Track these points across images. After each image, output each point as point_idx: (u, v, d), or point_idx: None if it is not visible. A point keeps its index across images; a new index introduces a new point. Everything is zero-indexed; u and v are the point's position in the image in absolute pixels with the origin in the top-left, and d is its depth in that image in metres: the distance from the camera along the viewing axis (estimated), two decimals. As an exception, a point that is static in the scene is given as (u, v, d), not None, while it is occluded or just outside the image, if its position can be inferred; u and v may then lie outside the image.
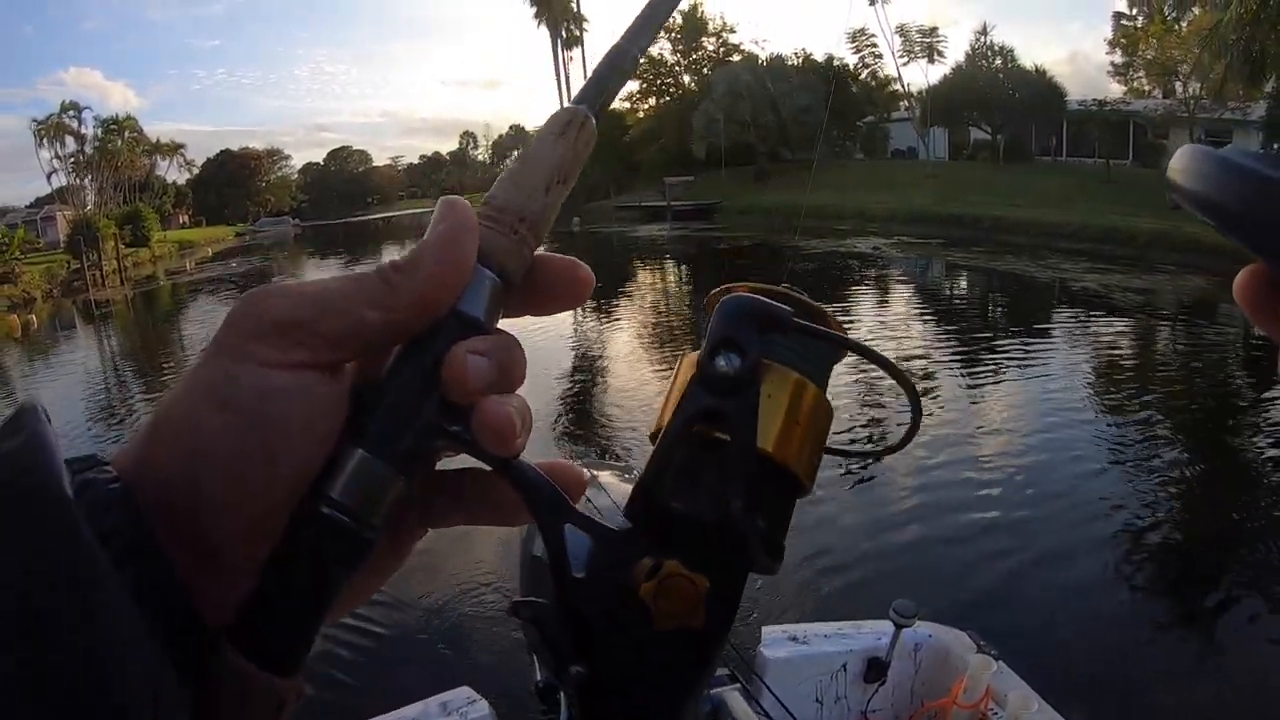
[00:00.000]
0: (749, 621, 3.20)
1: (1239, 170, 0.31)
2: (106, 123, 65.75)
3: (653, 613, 0.40)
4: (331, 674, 5.24)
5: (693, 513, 0.42)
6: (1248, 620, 5.67)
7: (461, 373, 0.39)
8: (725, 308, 0.44)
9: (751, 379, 0.42)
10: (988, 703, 2.86)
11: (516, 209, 0.43)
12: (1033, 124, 44.90)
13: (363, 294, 0.39)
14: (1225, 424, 10.34)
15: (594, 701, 0.42)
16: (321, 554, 0.38)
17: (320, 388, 0.38)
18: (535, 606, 0.42)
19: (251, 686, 0.37)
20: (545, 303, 0.45)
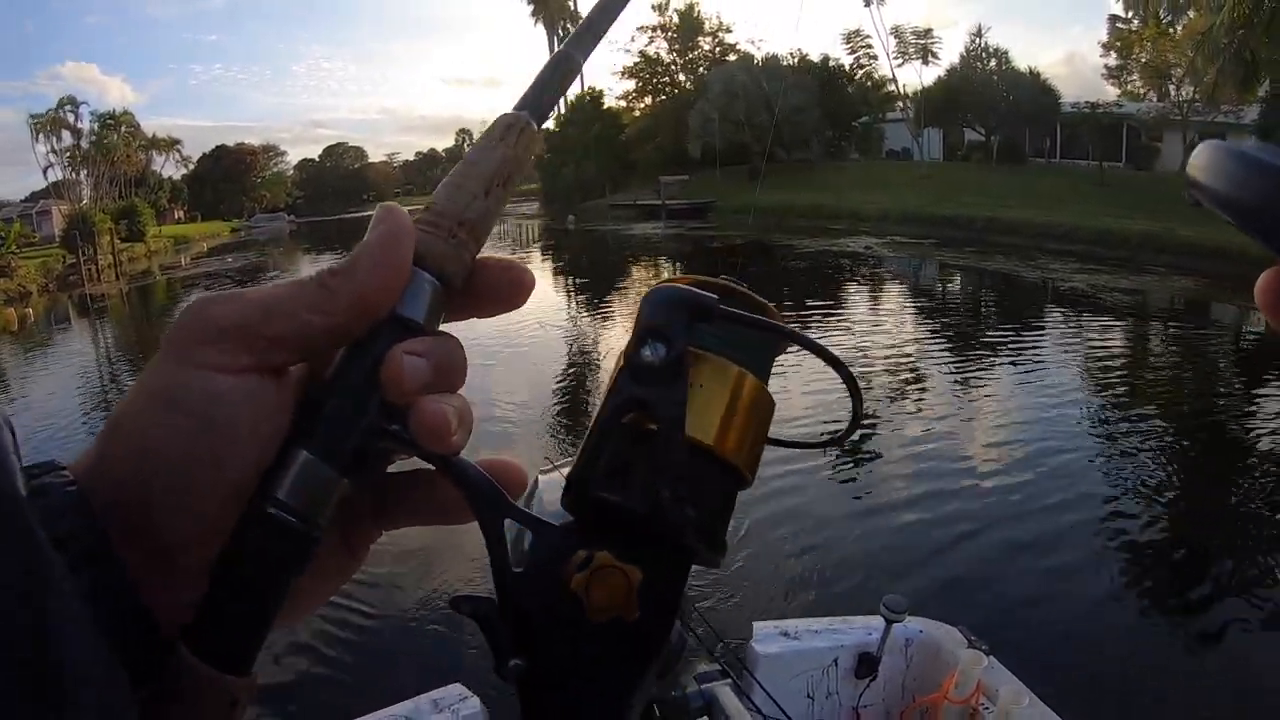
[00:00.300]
0: (740, 615, 3.18)
1: (1258, 166, 0.31)
2: (103, 117, 65.57)
3: (585, 604, 0.40)
4: (323, 672, 5.25)
5: (622, 503, 0.42)
6: (1238, 615, 5.68)
7: (398, 373, 0.40)
8: (652, 298, 0.44)
9: (678, 368, 0.42)
10: (979, 698, 2.85)
11: (456, 213, 0.43)
12: (1027, 126, 44.92)
13: (303, 299, 0.40)
14: (1213, 421, 10.37)
15: (533, 695, 0.42)
16: (268, 554, 0.39)
17: (265, 391, 0.39)
18: (475, 601, 0.42)
19: (204, 686, 0.38)
20: (487, 305, 0.46)
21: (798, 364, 11.86)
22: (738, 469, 0.44)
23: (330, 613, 5.85)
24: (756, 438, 0.46)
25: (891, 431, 9.95)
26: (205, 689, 0.38)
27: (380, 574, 6.27)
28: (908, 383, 12.37)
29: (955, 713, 2.90)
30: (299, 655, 5.42)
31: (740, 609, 5.41)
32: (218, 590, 0.39)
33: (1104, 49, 42.42)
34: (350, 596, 6.02)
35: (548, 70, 0.48)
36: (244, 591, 0.39)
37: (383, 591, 6.09)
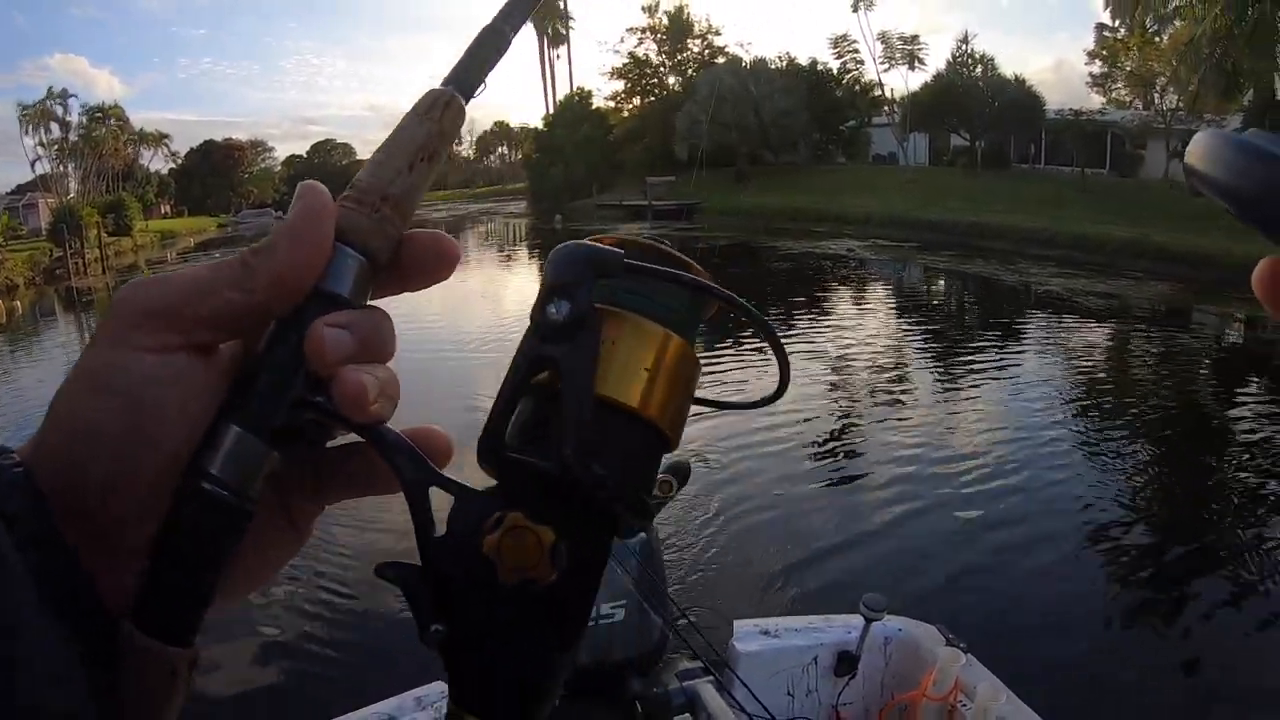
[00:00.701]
0: (721, 614, 3.18)
1: (1257, 153, 0.30)
2: (92, 110, 65.30)
3: (496, 566, 0.40)
4: (305, 670, 5.23)
5: (529, 462, 0.42)
6: (1215, 615, 5.72)
7: (319, 345, 0.40)
8: (555, 256, 0.44)
9: (582, 323, 0.42)
10: (957, 695, 2.86)
11: (379, 189, 0.43)
12: (1012, 132, 45.07)
13: (225, 278, 0.40)
14: (1187, 421, 10.48)
15: (453, 660, 0.42)
16: (203, 528, 0.39)
17: (193, 370, 0.40)
18: (399, 567, 0.42)
19: (146, 658, 0.38)
20: (414, 278, 0.46)
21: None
22: (656, 427, 0.44)
23: (312, 610, 5.87)
24: (676, 396, 0.45)
25: (870, 431, 10.00)
26: (147, 660, 0.38)
27: (362, 573, 6.23)
28: (886, 382, 12.42)
29: (934, 710, 2.91)
30: (281, 653, 5.41)
31: (721, 607, 5.41)
32: (156, 565, 0.39)
33: (1089, 57, 42.52)
34: (331, 594, 6.04)
35: (476, 45, 0.48)
36: (181, 565, 0.39)
37: (364, 589, 6.06)
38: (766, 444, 9.20)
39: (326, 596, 6.03)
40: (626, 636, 2.33)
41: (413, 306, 18.80)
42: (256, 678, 5.12)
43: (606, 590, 2.28)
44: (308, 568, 6.36)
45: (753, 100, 49.51)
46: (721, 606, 5.46)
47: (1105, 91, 42.48)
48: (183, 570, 0.39)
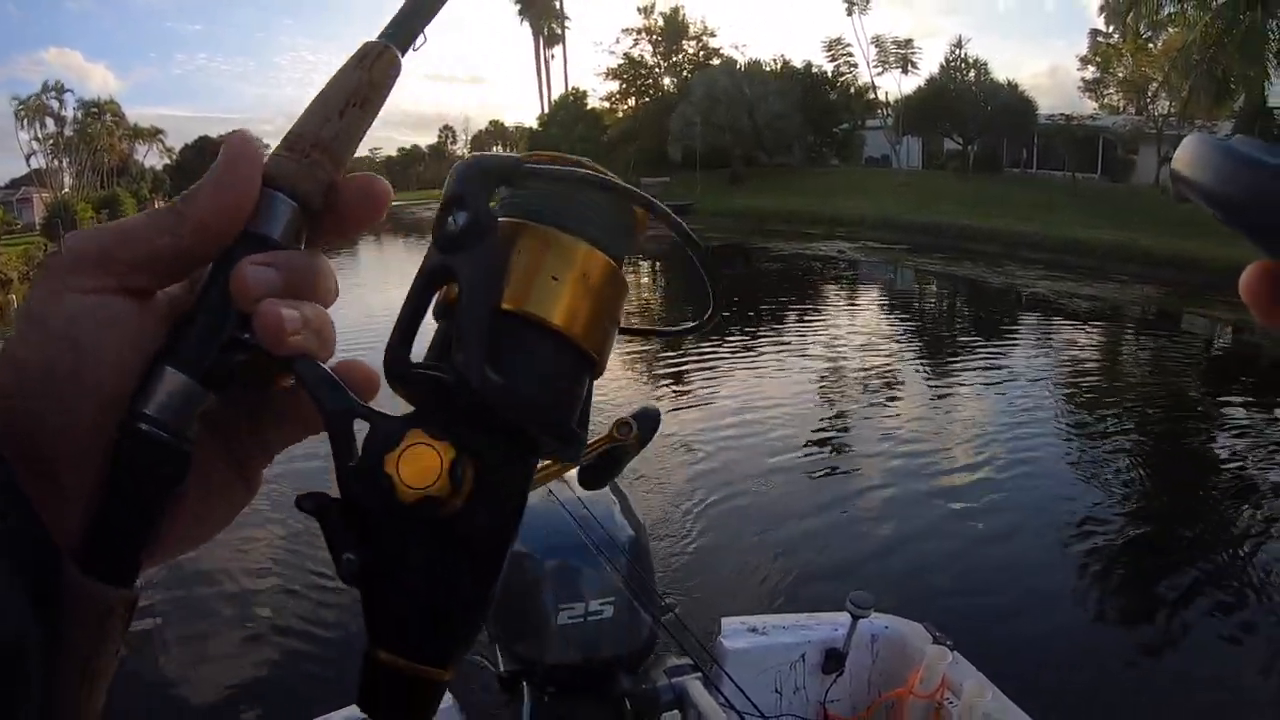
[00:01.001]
0: (709, 611, 3.17)
1: (1243, 160, 0.30)
2: (88, 105, 65.09)
3: (394, 483, 0.39)
4: (293, 668, 5.20)
5: (431, 375, 0.41)
6: (1199, 614, 5.77)
7: (242, 281, 0.41)
8: (455, 169, 0.43)
9: (480, 231, 0.41)
10: (943, 692, 2.87)
11: (310, 135, 0.44)
12: (1004, 136, 45.15)
13: (155, 224, 0.41)
14: (1171, 422, 10.53)
15: (366, 589, 0.41)
16: (141, 467, 0.39)
17: (127, 312, 0.40)
18: (316, 497, 0.42)
19: (80, 596, 0.38)
20: (349, 222, 0.46)
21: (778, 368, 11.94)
22: (570, 341, 0.43)
23: (299, 608, 5.84)
24: (594, 312, 0.44)
25: (856, 429, 10.02)
26: (83, 599, 0.38)
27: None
28: (872, 380, 12.44)
29: (920, 707, 2.92)
30: (268, 649, 5.39)
31: (709, 605, 5.41)
32: (97, 504, 0.39)
33: (1081, 63, 42.63)
34: (319, 591, 6.00)
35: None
36: (120, 503, 0.39)
37: (345, 589, 6.00)
38: (751, 440, 9.26)
39: (311, 594, 6.00)
40: (615, 634, 2.33)
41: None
42: (239, 676, 5.09)
43: (596, 587, 2.29)
44: (291, 565, 6.36)
45: (746, 102, 49.48)
46: (709, 604, 5.46)
47: (1098, 97, 42.59)
48: (121, 510, 0.39)
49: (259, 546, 6.73)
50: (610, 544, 2.32)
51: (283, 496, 5.88)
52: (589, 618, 2.28)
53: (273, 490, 5.44)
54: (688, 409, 10.67)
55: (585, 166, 0.46)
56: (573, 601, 2.27)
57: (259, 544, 6.75)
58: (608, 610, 2.30)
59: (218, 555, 6.43)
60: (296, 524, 6.72)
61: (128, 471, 0.39)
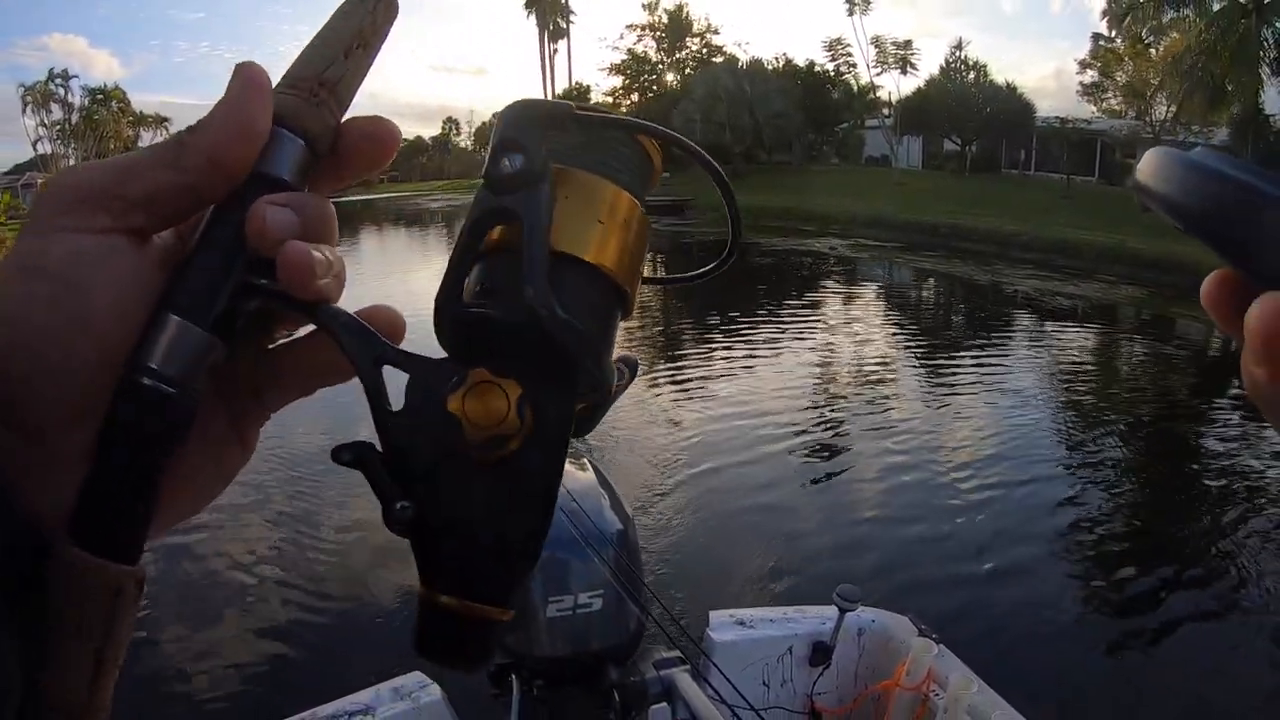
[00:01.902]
0: (697, 604, 3.16)
1: (1203, 170, 0.31)
2: (94, 92, 65.12)
3: (461, 424, 0.39)
4: (281, 660, 5.17)
5: (491, 314, 0.41)
6: (1189, 612, 5.80)
7: (261, 223, 0.38)
8: (505, 113, 0.43)
9: (536, 174, 0.41)
10: (929, 685, 2.87)
11: (315, 74, 0.42)
12: (1003, 138, 45.24)
13: (156, 158, 0.38)
14: (1156, 419, 10.59)
15: (422, 539, 0.40)
16: (144, 426, 0.37)
17: (126, 253, 0.37)
18: (357, 446, 0.40)
19: (85, 574, 0.35)
20: (355, 165, 0.44)
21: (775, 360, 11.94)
22: (613, 280, 0.44)
23: (288, 600, 5.82)
24: (630, 251, 0.45)
25: (840, 421, 10.05)
26: (87, 578, 0.35)
27: (337, 561, 6.25)
28: (857, 376, 12.57)
29: (907, 699, 2.92)
30: (257, 643, 5.35)
31: (697, 598, 5.42)
32: (97, 470, 0.36)
33: (1080, 67, 42.58)
34: (308, 583, 6.00)
35: None
36: (122, 468, 0.36)
37: (340, 579, 6.03)
38: (735, 434, 9.27)
39: (304, 586, 5.98)
40: (604, 626, 2.33)
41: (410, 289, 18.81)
42: (232, 669, 5.06)
43: (584, 580, 2.29)
44: (286, 558, 6.36)
45: (747, 100, 49.50)
46: (698, 597, 5.47)
47: (1096, 101, 42.56)
48: (124, 476, 0.36)
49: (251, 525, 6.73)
50: (599, 537, 2.32)
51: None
52: (578, 610, 2.27)
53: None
54: (672, 402, 10.73)
55: (622, 115, 0.46)
56: (561, 594, 2.26)
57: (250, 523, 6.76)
58: (596, 603, 2.30)
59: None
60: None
61: (129, 431, 0.36)
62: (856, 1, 49.30)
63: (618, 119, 0.45)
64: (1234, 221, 0.30)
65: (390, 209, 59.57)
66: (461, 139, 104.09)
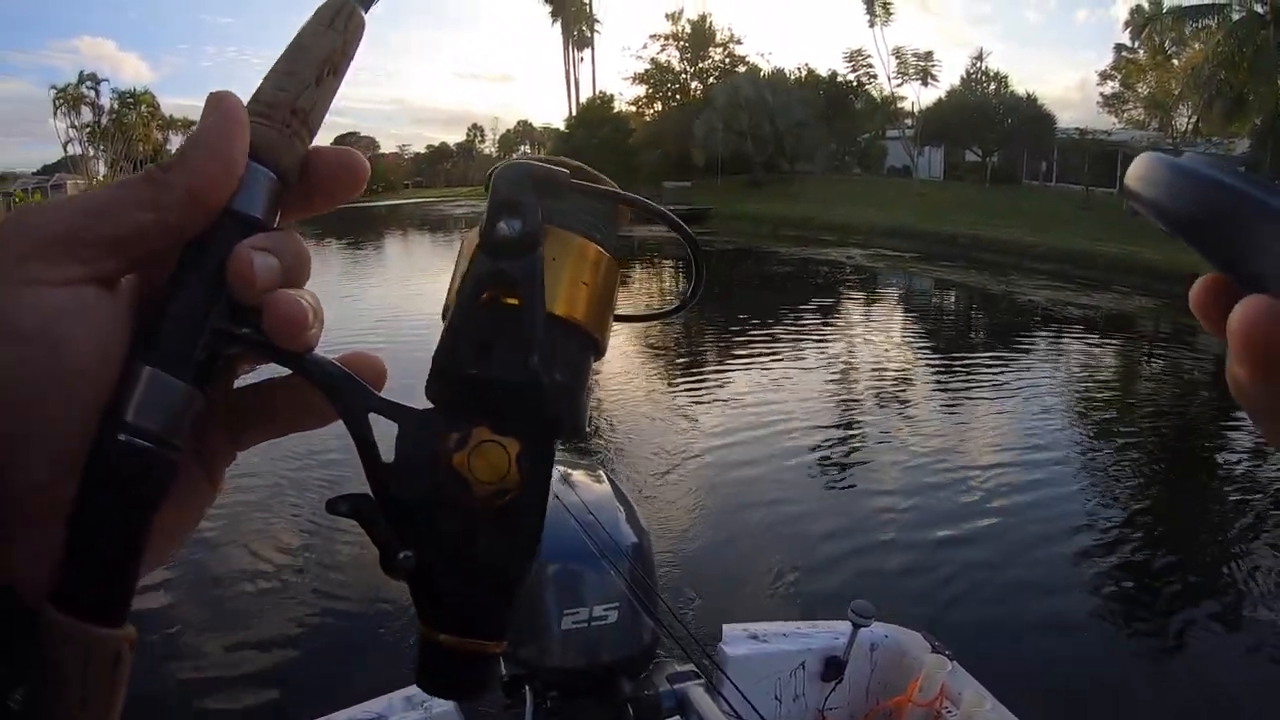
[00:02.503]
0: (710, 618, 3.13)
1: (1190, 175, 0.31)
2: (124, 95, 65.75)
3: (469, 480, 0.41)
4: (292, 669, 5.14)
5: (492, 377, 0.41)
6: (1204, 630, 5.72)
7: (248, 271, 0.37)
8: (503, 175, 0.43)
9: (534, 240, 0.42)
10: (942, 701, 2.86)
11: (287, 102, 0.40)
12: (1024, 149, 45.13)
13: (131, 197, 0.36)
14: (1172, 433, 10.42)
15: (425, 585, 0.41)
16: (126, 484, 0.35)
17: (100, 302, 0.35)
18: (353, 499, 0.41)
19: (84, 645, 0.34)
20: (323, 197, 0.43)
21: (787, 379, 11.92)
22: (594, 337, 0.45)
23: (299, 608, 5.79)
24: (605, 304, 0.46)
25: (852, 433, 9.96)
26: (87, 648, 0.34)
27: (349, 571, 6.21)
28: (871, 385, 12.48)
29: (919, 715, 2.91)
30: (268, 650, 5.31)
31: (711, 612, 5.40)
32: (77, 534, 0.34)
33: (1101, 78, 42.37)
34: (319, 591, 5.97)
35: None
36: (106, 530, 0.35)
37: (351, 588, 6.00)
38: (743, 446, 9.19)
39: (313, 596, 5.96)
40: (618, 639, 2.32)
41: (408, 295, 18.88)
42: (240, 677, 5.03)
43: (600, 592, 2.28)
44: (296, 565, 6.36)
45: (768, 110, 49.49)
46: (712, 611, 5.45)
47: (1117, 112, 42.31)
48: (106, 535, 0.35)
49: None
50: (615, 550, 2.31)
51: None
52: (592, 623, 2.27)
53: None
54: (681, 408, 10.74)
55: (599, 176, 0.47)
56: (576, 606, 2.26)
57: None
58: (611, 615, 2.29)
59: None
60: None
61: (110, 490, 0.35)
62: (877, 13, 49.29)
63: (608, 192, 0.46)
64: (1218, 225, 0.30)
65: (415, 214, 59.88)
66: (486, 146, 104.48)
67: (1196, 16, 31.38)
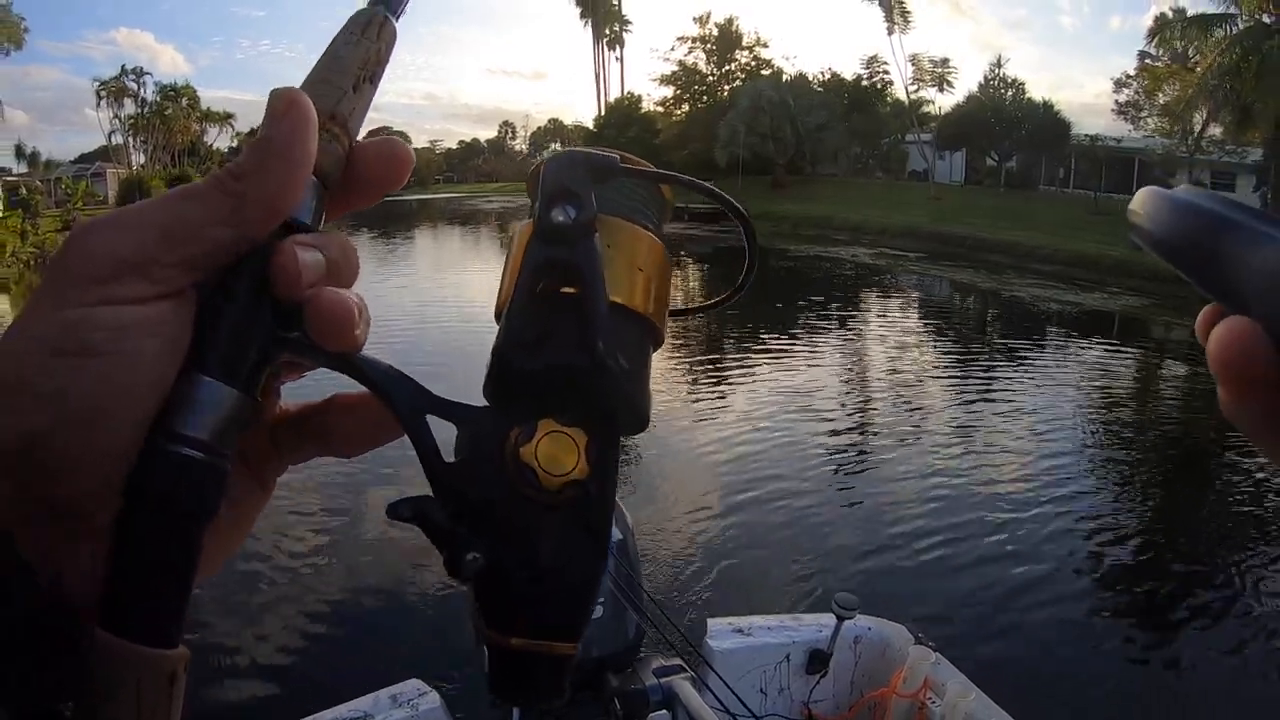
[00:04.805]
0: (695, 612, 3.10)
1: (1184, 207, 0.31)
2: (165, 89, 66.13)
3: (536, 473, 0.38)
4: (280, 668, 5.05)
5: (555, 367, 0.40)
6: (1193, 629, 5.72)
7: (293, 266, 0.35)
8: (554, 163, 0.42)
9: (590, 226, 0.40)
10: (926, 692, 2.87)
11: (327, 109, 0.39)
12: (1042, 154, 44.89)
13: (209, 214, 0.34)
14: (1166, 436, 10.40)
15: (490, 586, 0.39)
16: (178, 498, 0.34)
17: (171, 317, 0.34)
18: (416, 501, 0.39)
19: (137, 667, 0.32)
20: (368, 188, 0.42)
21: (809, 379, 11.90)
22: (653, 324, 0.44)
23: (286, 609, 5.68)
24: (663, 293, 0.45)
25: (831, 433, 9.84)
26: (139, 670, 0.32)
27: (336, 569, 6.18)
28: (856, 381, 12.64)
29: (903, 707, 2.92)
30: (254, 651, 5.20)
31: (695, 606, 5.37)
32: (128, 551, 0.33)
33: (1116, 86, 41.88)
34: (307, 591, 5.89)
35: None
36: (158, 546, 0.33)
37: (339, 586, 5.94)
38: (730, 443, 9.15)
39: (302, 593, 5.86)
40: (604, 634, 2.33)
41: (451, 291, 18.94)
42: (229, 677, 4.93)
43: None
44: (280, 565, 6.23)
45: (790, 113, 49.32)
46: (696, 604, 5.45)
47: (1133, 120, 41.82)
48: (160, 552, 0.33)
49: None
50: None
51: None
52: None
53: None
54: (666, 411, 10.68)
55: (647, 163, 0.46)
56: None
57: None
58: (597, 611, 2.29)
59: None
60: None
61: (162, 504, 0.33)
62: (896, 20, 48.99)
63: (665, 175, 0.46)
64: (1200, 251, 0.30)
65: (446, 209, 59.87)
66: (517, 143, 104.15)
67: (1208, 25, 30.94)
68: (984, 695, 2.79)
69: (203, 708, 4.62)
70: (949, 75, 50.55)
